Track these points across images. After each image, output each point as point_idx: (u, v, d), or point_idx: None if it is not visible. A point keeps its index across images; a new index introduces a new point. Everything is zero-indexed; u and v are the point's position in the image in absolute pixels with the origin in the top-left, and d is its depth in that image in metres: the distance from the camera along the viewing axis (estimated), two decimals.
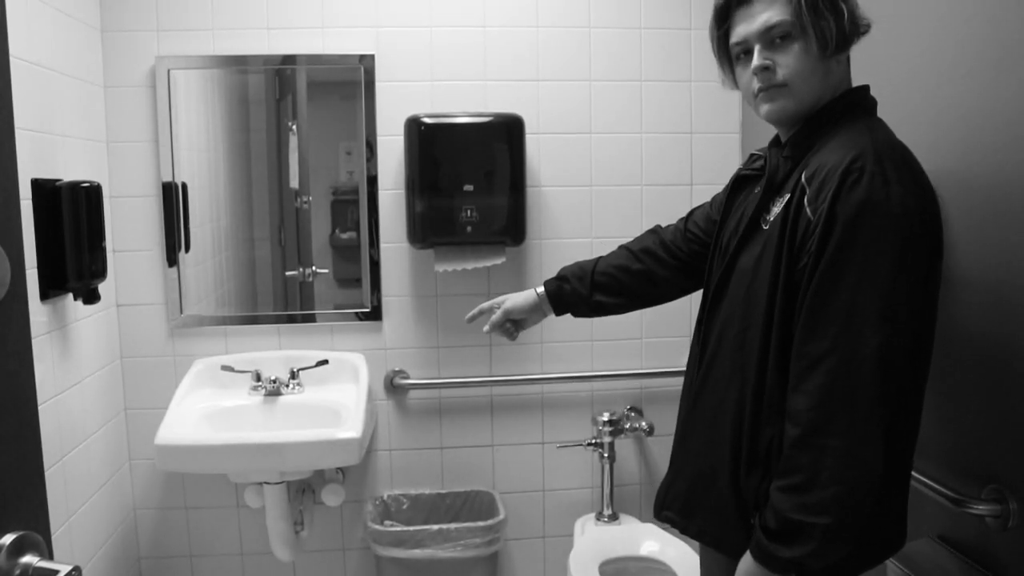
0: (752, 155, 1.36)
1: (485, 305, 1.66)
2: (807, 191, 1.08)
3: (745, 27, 1.17)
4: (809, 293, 1.05)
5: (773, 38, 1.14)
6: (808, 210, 1.07)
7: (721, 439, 1.17)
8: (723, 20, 1.23)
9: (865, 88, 1.19)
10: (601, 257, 1.59)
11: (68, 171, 1.83)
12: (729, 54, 1.24)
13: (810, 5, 1.11)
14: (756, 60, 1.15)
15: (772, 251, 1.12)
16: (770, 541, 1.06)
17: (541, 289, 1.61)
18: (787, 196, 1.13)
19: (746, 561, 1.11)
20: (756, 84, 1.16)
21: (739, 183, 1.34)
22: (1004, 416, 1.25)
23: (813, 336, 1.04)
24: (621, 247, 1.59)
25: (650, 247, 1.54)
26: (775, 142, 1.26)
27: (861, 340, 1.01)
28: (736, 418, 1.15)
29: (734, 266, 1.22)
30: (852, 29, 1.13)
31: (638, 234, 2.25)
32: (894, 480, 1.08)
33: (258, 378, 2.09)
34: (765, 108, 1.17)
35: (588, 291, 1.55)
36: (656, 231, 1.58)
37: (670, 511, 1.27)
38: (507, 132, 2.10)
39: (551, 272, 2.24)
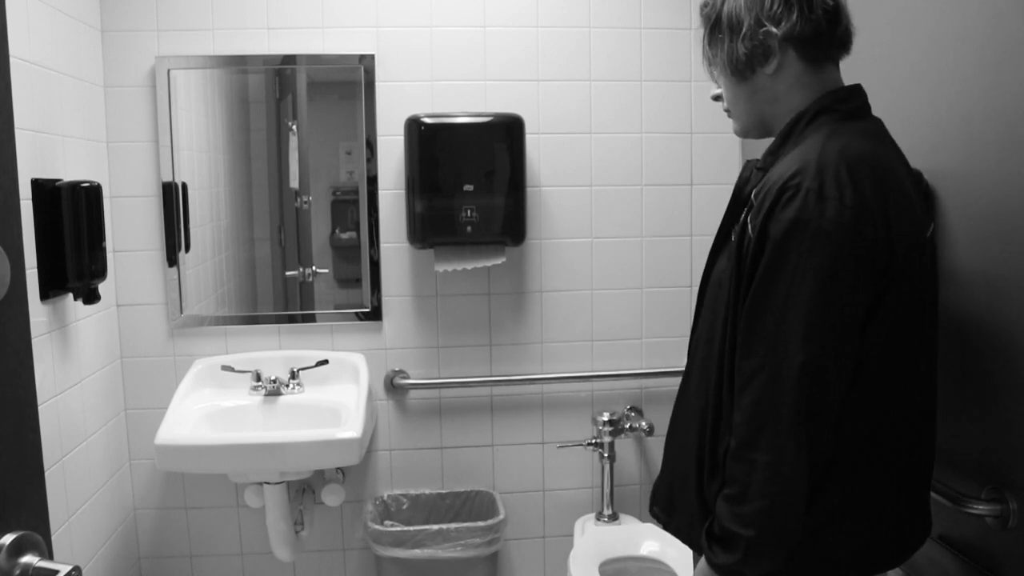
0: (747, 161, 1.37)
1: None
2: (753, 207, 1.08)
3: None
4: (744, 310, 1.06)
5: (711, 68, 1.23)
6: (750, 227, 1.07)
7: (690, 445, 1.20)
8: None
9: (845, 89, 1.16)
10: None
11: (68, 171, 1.83)
12: None
13: (707, 37, 1.19)
14: (712, 91, 1.26)
15: (732, 266, 1.13)
16: (709, 545, 1.09)
17: None
18: (745, 210, 1.15)
19: (700, 562, 1.13)
20: None
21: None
22: (1004, 416, 1.25)
23: (747, 353, 1.05)
24: None
25: None
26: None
27: (786, 358, 1.01)
28: (700, 426, 1.17)
29: (709, 277, 1.24)
30: (752, 49, 1.13)
31: (637, 233, 2.28)
32: (849, 498, 1.07)
33: (258, 378, 2.09)
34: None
35: None
36: None
37: (657, 507, 1.30)
38: (507, 132, 2.10)
39: (551, 272, 2.26)
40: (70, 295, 1.80)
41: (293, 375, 2.09)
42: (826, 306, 1.01)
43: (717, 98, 1.24)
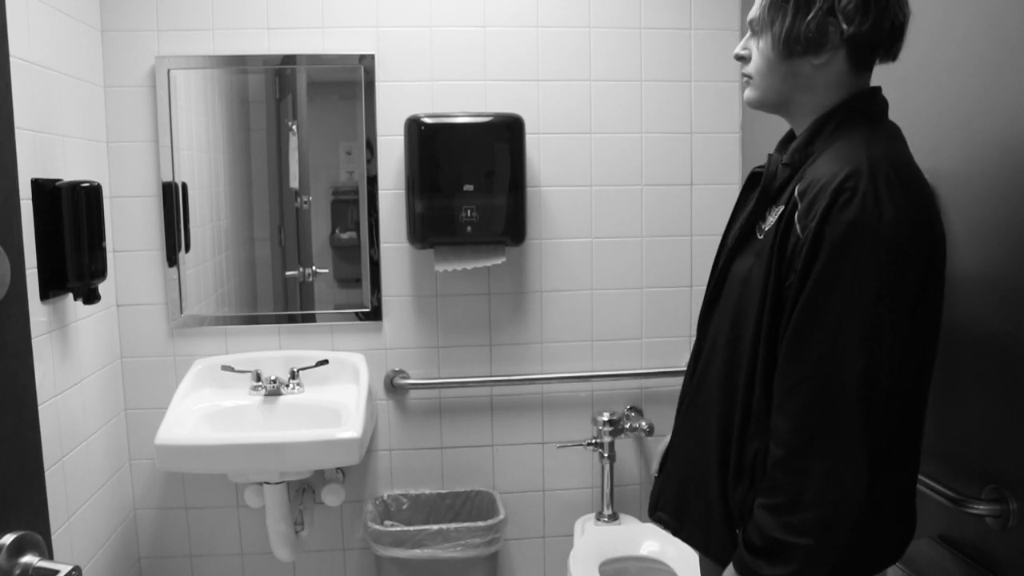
0: (770, 155, 1.35)
1: None
2: (799, 206, 1.06)
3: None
4: (795, 313, 1.04)
5: (754, 30, 1.17)
6: (798, 227, 1.05)
7: (709, 448, 1.17)
8: None
9: (872, 92, 1.16)
10: None
11: (68, 171, 1.83)
12: None
13: (773, 3, 1.12)
14: (737, 47, 1.21)
15: (763, 264, 1.10)
16: (753, 557, 1.06)
17: None
18: (781, 207, 1.12)
19: (728, 573, 1.10)
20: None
21: (752, 180, 1.31)
22: (1004, 416, 1.25)
23: (797, 357, 1.04)
24: None
25: None
26: (784, 142, 1.24)
27: (844, 363, 1.00)
28: (724, 429, 1.15)
29: (728, 272, 1.21)
30: (814, 36, 1.08)
31: (637, 233, 2.28)
32: (884, 499, 1.07)
33: (258, 378, 2.09)
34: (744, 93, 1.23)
35: None
36: None
37: (663, 513, 1.27)
38: (507, 132, 2.10)
39: (551, 272, 2.26)
40: (70, 295, 1.80)
41: (293, 375, 2.09)
42: (885, 310, 1.01)
43: (741, 59, 1.20)
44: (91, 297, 1.82)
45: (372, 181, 2.18)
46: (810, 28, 1.08)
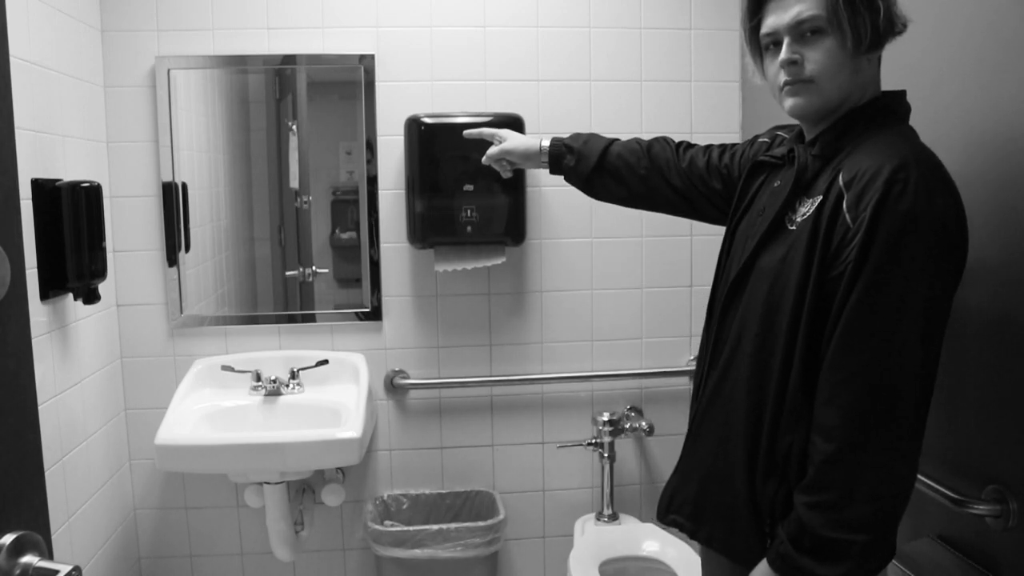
0: (775, 135, 1.34)
1: (486, 132, 1.65)
2: (845, 196, 1.05)
3: (776, 19, 1.13)
4: (849, 304, 1.02)
5: (804, 32, 1.11)
6: (848, 216, 1.04)
7: (736, 444, 1.15)
8: (756, 11, 1.18)
9: (901, 93, 1.16)
10: (615, 142, 1.55)
11: (68, 171, 1.83)
12: (760, 45, 1.19)
13: (847, 0, 1.07)
14: (784, 53, 1.12)
15: (801, 255, 1.09)
16: (801, 555, 1.04)
17: (546, 143, 1.58)
18: (818, 198, 1.10)
19: (762, 569, 1.09)
20: (783, 77, 1.14)
21: (756, 169, 1.30)
22: (1004, 416, 1.25)
23: (851, 350, 1.02)
24: (635, 142, 1.54)
25: (661, 162, 1.50)
26: (799, 138, 1.23)
27: (903, 358, 1.00)
28: (753, 423, 1.13)
29: (753, 265, 1.18)
30: (887, 27, 1.09)
31: (637, 233, 2.27)
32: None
33: (258, 378, 2.09)
34: (789, 103, 1.15)
35: (589, 171, 1.53)
36: (668, 144, 1.52)
37: (679, 515, 1.25)
38: None
39: (551, 272, 2.26)
40: (70, 295, 1.80)
41: (293, 375, 2.09)
42: (937, 304, 1.02)
43: (794, 63, 1.12)
44: (91, 297, 1.82)
45: (372, 181, 2.18)
46: (882, 22, 1.08)
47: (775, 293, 1.13)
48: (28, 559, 0.76)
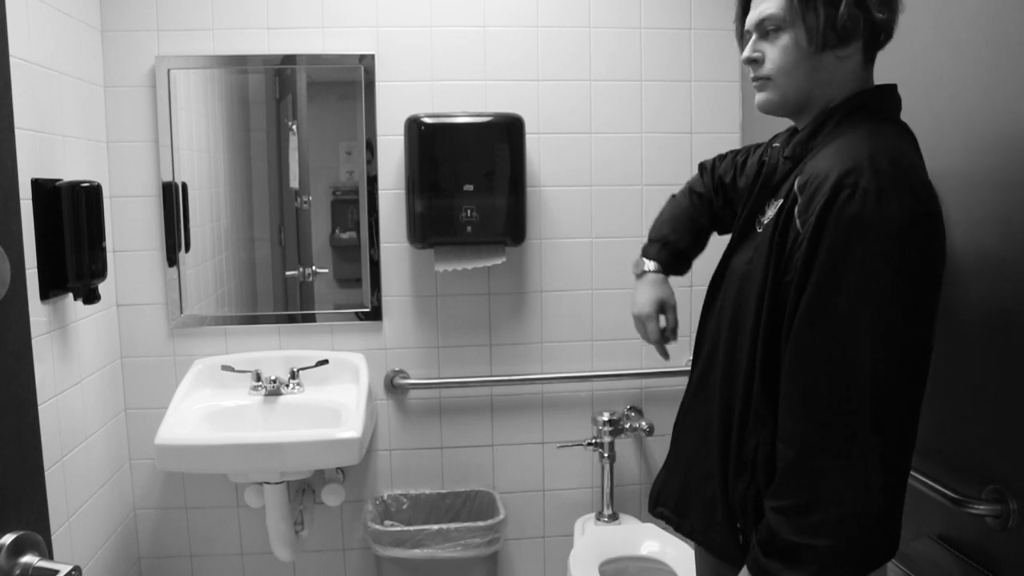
0: (774, 138, 1.35)
1: (652, 333, 1.44)
2: (799, 200, 1.06)
3: (750, 16, 1.17)
4: (800, 311, 1.03)
5: (766, 29, 1.13)
6: (797, 222, 1.04)
7: (712, 443, 1.17)
8: (744, 8, 1.21)
9: (881, 89, 1.15)
10: (677, 212, 1.52)
11: (68, 171, 1.83)
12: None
13: None
14: (746, 51, 1.16)
15: (762, 258, 1.09)
16: (769, 560, 1.04)
17: (651, 265, 1.46)
18: (780, 201, 1.11)
19: (742, 574, 1.10)
20: (750, 74, 1.18)
21: (757, 172, 1.32)
22: (1004, 416, 1.25)
23: (804, 357, 1.02)
24: (682, 198, 1.54)
25: (703, 205, 1.51)
26: (789, 136, 1.24)
27: (855, 363, 0.99)
28: (724, 424, 1.15)
29: (727, 265, 1.20)
30: (851, 24, 1.08)
31: (637, 233, 2.27)
32: (893, 496, 1.06)
33: (258, 378, 2.09)
34: (755, 98, 1.18)
35: (691, 249, 1.50)
36: (696, 189, 1.54)
37: (664, 508, 1.27)
38: (507, 132, 2.10)
39: (551, 272, 2.26)
40: (70, 295, 1.80)
41: (293, 375, 2.09)
42: (893, 308, 0.99)
43: (753, 61, 1.16)
44: (91, 297, 1.82)
45: (372, 181, 2.18)
46: (844, 18, 1.07)
47: (742, 295, 1.14)
48: (28, 559, 0.76)
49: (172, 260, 2.13)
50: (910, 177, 1.03)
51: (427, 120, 2.07)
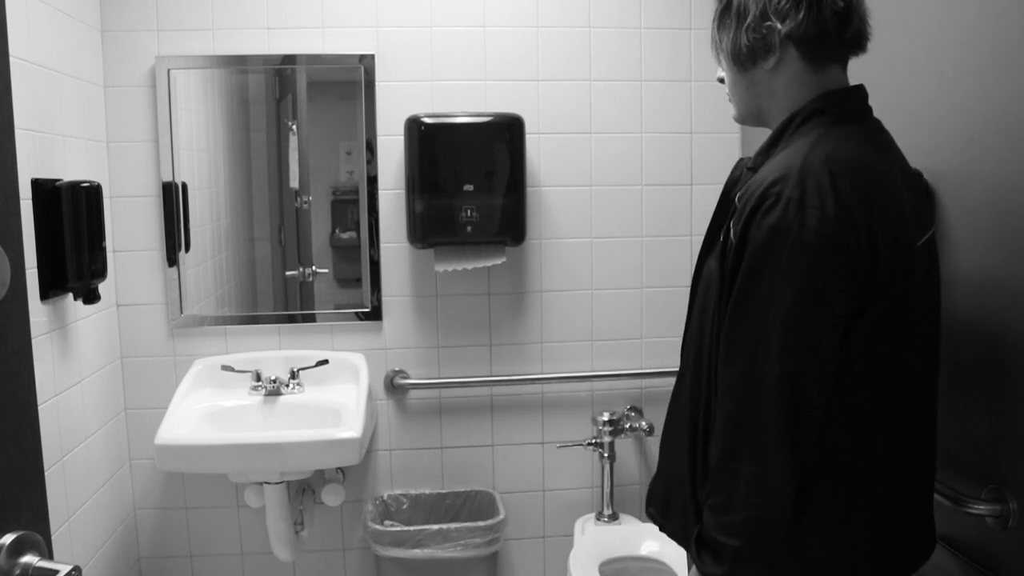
0: (740, 159, 1.36)
1: None
2: (735, 211, 1.07)
3: None
4: (725, 319, 1.05)
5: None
6: (732, 232, 1.06)
7: (683, 447, 1.19)
8: None
9: (841, 91, 1.13)
10: None
11: (68, 171, 1.83)
12: None
13: (716, 20, 1.19)
14: (718, 72, 1.24)
15: (718, 267, 1.11)
16: (700, 551, 1.08)
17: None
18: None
19: (693, 570, 1.12)
20: None
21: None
22: (1004, 416, 1.25)
23: (727, 362, 1.05)
24: None
25: None
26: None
27: (764, 369, 1.00)
28: (693, 429, 1.16)
29: (699, 276, 1.22)
30: (756, 40, 1.11)
31: (637, 233, 2.27)
32: (844, 511, 1.06)
33: (258, 378, 2.09)
34: None
35: None
36: None
37: (652, 508, 1.29)
38: (507, 132, 2.10)
39: (551, 272, 2.26)
40: (70, 295, 1.80)
41: (293, 375, 2.09)
42: (804, 317, 0.99)
43: (722, 80, 1.23)
44: (91, 297, 1.82)
45: (372, 181, 2.18)
46: (748, 36, 1.12)
47: (706, 304, 1.16)
48: (28, 559, 0.76)
49: (172, 260, 2.13)
50: (843, 186, 1.00)
51: (427, 120, 2.07)
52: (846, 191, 1.00)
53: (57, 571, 0.75)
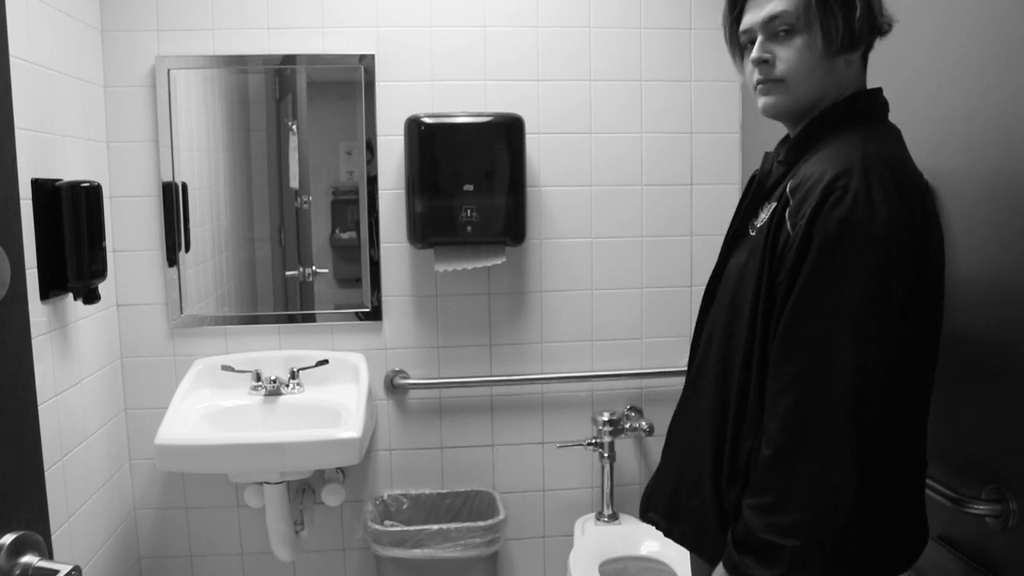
0: (765, 154, 1.35)
1: None
2: (790, 203, 1.05)
3: (751, 16, 1.13)
4: (785, 312, 1.03)
5: (776, 30, 1.09)
6: (788, 224, 1.04)
7: (704, 448, 1.16)
8: (735, 7, 1.18)
9: (873, 92, 1.14)
10: None
11: (68, 171, 1.83)
12: (739, 43, 1.18)
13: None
14: (756, 52, 1.11)
15: (756, 261, 1.09)
16: (742, 557, 1.05)
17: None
18: (773, 204, 1.11)
19: (718, 572, 1.10)
20: (756, 76, 1.13)
21: (752, 181, 1.31)
22: (1004, 416, 1.25)
23: (787, 357, 1.02)
24: None
25: None
26: (782, 141, 1.23)
27: (834, 365, 0.99)
28: (718, 428, 1.14)
29: (723, 270, 1.20)
30: (865, 28, 1.07)
31: (637, 233, 2.27)
32: (882, 504, 1.06)
33: (258, 378, 2.08)
34: (761, 102, 1.14)
35: None
36: None
37: (655, 513, 1.26)
38: (507, 132, 2.10)
39: (551, 272, 2.26)
40: (70, 295, 1.80)
41: (293, 375, 2.09)
42: (877, 311, 0.99)
43: (764, 63, 1.11)
44: (91, 297, 1.82)
45: (372, 181, 2.18)
46: (860, 21, 1.06)
47: (737, 299, 1.14)
48: (28, 559, 0.76)
49: (172, 260, 2.13)
50: (903, 182, 1.02)
51: (427, 120, 2.07)
52: (905, 186, 1.02)
53: (57, 571, 0.75)
